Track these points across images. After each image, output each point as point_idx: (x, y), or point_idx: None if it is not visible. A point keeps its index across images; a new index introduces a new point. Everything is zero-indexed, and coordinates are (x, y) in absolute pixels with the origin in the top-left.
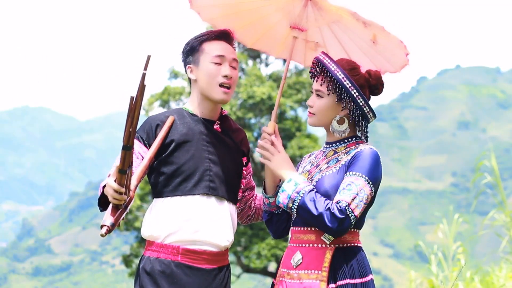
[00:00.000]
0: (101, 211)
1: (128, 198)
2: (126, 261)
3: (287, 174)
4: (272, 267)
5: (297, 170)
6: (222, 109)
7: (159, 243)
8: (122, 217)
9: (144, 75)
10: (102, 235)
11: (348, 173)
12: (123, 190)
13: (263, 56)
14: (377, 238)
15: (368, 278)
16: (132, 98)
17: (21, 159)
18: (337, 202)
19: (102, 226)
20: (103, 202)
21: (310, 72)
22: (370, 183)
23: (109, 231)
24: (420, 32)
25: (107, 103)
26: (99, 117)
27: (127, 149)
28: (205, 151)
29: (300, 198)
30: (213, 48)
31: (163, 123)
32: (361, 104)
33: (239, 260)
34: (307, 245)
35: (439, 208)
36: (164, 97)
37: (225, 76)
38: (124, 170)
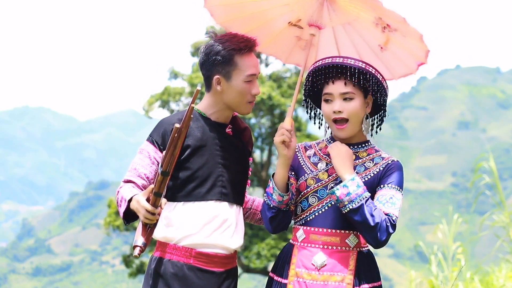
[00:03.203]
0: (125, 224)
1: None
2: (126, 261)
3: (349, 171)
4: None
5: (295, 164)
6: None
7: (173, 245)
8: (152, 235)
9: (192, 108)
10: (136, 256)
11: (387, 185)
12: (157, 211)
13: (263, 56)
14: None
15: (381, 282)
16: (176, 128)
17: (21, 159)
18: (388, 215)
19: (134, 247)
20: (124, 213)
21: (318, 77)
22: (402, 197)
23: (142, 251)
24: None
25: (107, 103)
26: (99, 117)
27: (165, 174)
28: (218, 156)
29: (359, 202)
30: (247, 65)
31: None
32: (387, 91)
33: (239, 260)
34: (330, 247)
35: (439, 208)
36: (164, 97)
37: (254, 94)
38: (160, 193)
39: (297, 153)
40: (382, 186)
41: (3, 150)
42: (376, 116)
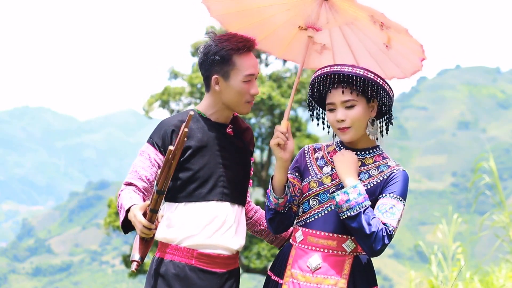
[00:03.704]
0: (124, 232)
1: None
2: (126, 261)
3: (352, 178)
4: None
5: (301, 165)
6: None
7: (174, 246)
8: (149, 248)
9: (185, 133)
10: (133, 271)
11: (388, 194)
12: (153, 226)
13: (263, 56)
14: None
15: (378, 287)
16: (170, 150)
17: (21, 159)
18: (385, 225)
19: (132, 262)
20: (123, 222)
21: (320, 87)
22: (404, 208)
23: (139, 265)
24: (420, 32)
25: (107, 103)
26: (99, 117)
27: (161, 193)
28: (219, 156)
29: (357, 210)
30: (245, 65)
31: (178, 128)
32: (391, 95)
33: (239, 260)
34: (326, 251)
35: (439, 208)
36: (164, 97)
37: (252, 94)
38: (156, 210)
39: (306, 154)
40: (384, 195)
41: (3, 150)
42: (382, 119)
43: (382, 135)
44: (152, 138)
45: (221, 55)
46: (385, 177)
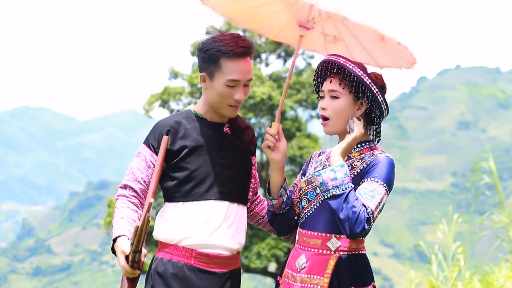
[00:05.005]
0: (116, 256)
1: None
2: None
3: (341, 158)
4: (272, 267)
5: (307, 168)
6: None
7: (173, 245)
8: (136, 285)
9: (148, 218)
10: None
11: (369, 179)
12: (136, 272)
13: (263, 56)
14: (377, 238)
15: (370, 286)
16: (137, 227)
17: (21, 159)
18: (364, 207)
19: None
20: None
21: (319, 74)
22: (388, 192)
23: None
24: (420, 32)
25: (107, 103)
26: (99, 117)
27: (137, 252)
28: (216, 155)
29: (343, 189)
30: (230, 70)
31: (174, 129)
32: (380, 100)
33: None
34: (312, 250)
35: (439, 208)
36: (164, 97)
37: (236, 100)
38: (137, 262)
39: (312, 157)
40: (365, 179)
41: (3, 150)
42: (373, 128)
43: (378, 141)
44: (148, 139)
45: (209, 54)
46: (365, 165)
